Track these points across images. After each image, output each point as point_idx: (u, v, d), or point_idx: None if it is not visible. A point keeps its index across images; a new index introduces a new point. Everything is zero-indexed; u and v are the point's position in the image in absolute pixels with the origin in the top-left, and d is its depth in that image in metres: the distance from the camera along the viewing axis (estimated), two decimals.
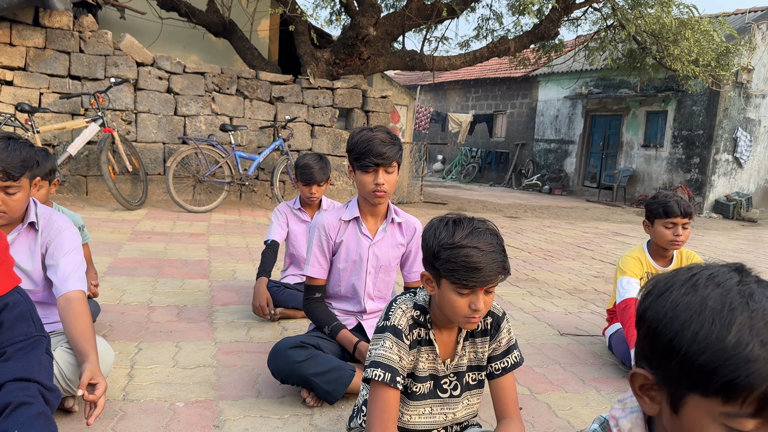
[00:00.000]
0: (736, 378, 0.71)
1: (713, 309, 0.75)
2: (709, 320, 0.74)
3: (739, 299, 0.75)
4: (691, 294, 0.78)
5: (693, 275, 0.80)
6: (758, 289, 0.77)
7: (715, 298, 0.76)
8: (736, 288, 0.76)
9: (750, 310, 0.73)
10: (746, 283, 0.77)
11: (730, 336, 0.72)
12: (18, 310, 1.57)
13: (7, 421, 1.40)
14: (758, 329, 0.72)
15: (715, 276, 0.79)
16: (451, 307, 1.59)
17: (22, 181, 2.09)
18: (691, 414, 0.77)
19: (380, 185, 2.37)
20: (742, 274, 0.80)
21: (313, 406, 2.28)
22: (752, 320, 0.72)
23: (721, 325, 0.73)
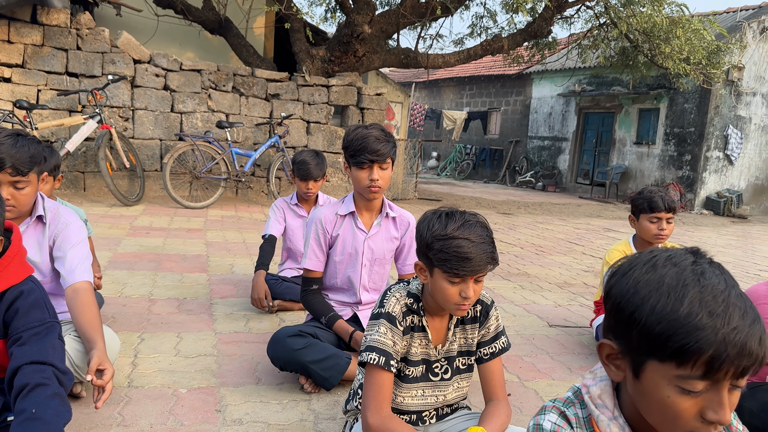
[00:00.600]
0: (686, 344, 0.81)
1: (669, 285, 0.85)
2: (665, 295, 0.84)
3: (692, 277, 0.85)
4: (650, 273, 0.88)
5: (653, 257, 0.90)
6: (709, 269, 0.87)
7: (671, 276, 0.86)
8: (690, 267, 0.87)
9: (701, 286, 0.84)
10: (699, 264, 0.88)
11: (682, 308, 0.82)
12: (32, 298, 1.66)
13: (25, 400, 1.49)
14: (707, 302, 0.82)
15: (672, 257, 0.89)
16: (443, 294, 1.68)
17: (31, 176, 2.17)
18: (650, 378, 0.88)
19: (375, 181, 2.46)
20: (696, 256, 0.90)
21: (311, 392, 2.38)
22: (702, 294, 0.83)
23: (675, 299, 0.83)
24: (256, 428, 2.06)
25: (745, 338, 0.80)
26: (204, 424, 2.05)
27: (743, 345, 0.80)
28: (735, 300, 0.83)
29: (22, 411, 1.47)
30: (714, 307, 0.82)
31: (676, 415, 0.86)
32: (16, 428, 1.45)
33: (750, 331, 0.81)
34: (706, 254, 0.92)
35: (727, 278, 0.86)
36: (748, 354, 0.81)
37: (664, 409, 0.87)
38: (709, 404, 0.84)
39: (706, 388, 0.84)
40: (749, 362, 0.81)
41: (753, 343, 0.81)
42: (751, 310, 0.83)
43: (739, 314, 0.82)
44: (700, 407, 0.85)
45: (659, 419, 0.89)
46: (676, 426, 0.87)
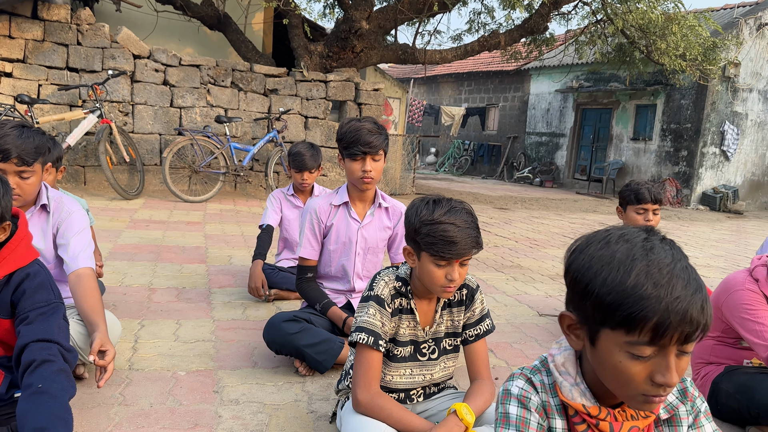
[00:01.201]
0: (633, 312, 0.90)
1: (619, 260, 0.93)
2: (615, 268, 0.93)
3: (641, 252, 0.93)
4: (604, 249, 0.96)
5: (608, 234, 0.99)
6: (659, 245, 0.95)
7: (622, 252, 0.94)
8: (641, 243, 0.95)
9: (648, 260, 0.92)
10: (650, 240, 0.96)
11: (630, 280, 0.91)
12: (38, 280, 1.74)
13: (32, 376, 1.58)
14: (652, 274, 0.90)
15: (625, 235, 0.98)
16: (430, 277, 1.77)
17: (35, 166, 2.26)
18: (604, 345, 0.96)
19: (368, 172, 2.55)
20: (649, 233, 0.98)
21: (305, 375, 2.47)
22: (649, 267, 0.91)
23: (624, 272, 0.92)
24: (252, 408, 2.15)
25: (687, 306, 0.89)
26: (202, 404, 2.14)
27: (685, 313, 0.89)
28: (679, 272, 0.91)
29: (30, 385, 1.56)
30: (659, 279, 0.90)
31: (629, 379, 0.94)
32: (24, 401, 1.53)
33: (692, 299, 0.89)
34: (659, 232, 1.00)
35: (675, 253, 0.95)
36: (690, 321, 0.89)
37: (617, 373, 0.95)
38: (657, 368, 0.93)
39: (654, 353, 0.92)
40: (691, 329, 0.90)
41: (694, 311, 0.89)
42: (694, 281, 0.92)
43: (682, 285, 0.90)
44: (649, 371, 0.93)
45: (614, 383, 0.98)
46: (629, 389, 0.96)
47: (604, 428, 1.03)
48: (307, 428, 2.04)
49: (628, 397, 0.97)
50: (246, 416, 2.08)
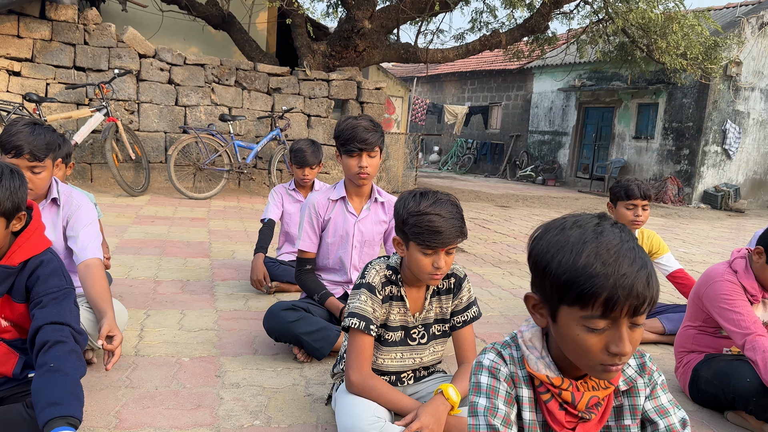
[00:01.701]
0: (585, 289, 1.00)
1: (572, 243, 1.04)
2: (569, 251, 1.03)
3: (591, 235, 1.04)
4: (560, 235, 1.07)
5: (563, 221, 1.09)
6: (610, 229, 1.06)
7: (575, 236, 1.05)
8: (592, 228, 1.06)
9: (597, 242, 1.03)
10: (601, 225, 1.06)
11: (581, 260, 1.01)
12: (51, 267, 1.86)
13: (46, 355, 1.69)
14: (601, 254, 1.01)
15: (578, 221, 1.08)
16: (418, 265, 1.88)
17: (46, 161, 2.38)
18: (563, 321, 1.07)
19: (364, 168, 2.66)
20: (601, 219, 1.09)
21: (303, 361, 2.58)
22: (598, 249, 1.02)
23: (576, 253, 1.02)
24: (252, 391, 2.26)
25: (633, 282, 0.99)
26: (204, 387, 2.26)
27: (631, 287, 0.99)
28: (626, 251, 1.02)
29: (43, 364, 1.67)
30: (606, 258, 1.00)
31: (587, 350, 1.05)
32: (39, 379, 1.65)
33: (637, 275, 1.00)
34: (611, 219, 1.10)
35: (623, 235, 1.05)
36: (636, 295, 1.00)
37: (576, 346, 1.06)
38: (611, 339, 1.03)
39: (608, 326, 1.03)
40: (639, 302, 1.00)
41: (640, 286, 1.00)
42: (640, 259, 1.02)
43: (628, 263, 1.00)
44: (604, 342, 1.04)
45: (575, 355, 1.08)
46: (588, 359, 1.06)
47: (566, 397, 1.13)
48: (304, 410, 2.15)
49: (589, 367, 1.07)
50: (246, 398, 2.19)
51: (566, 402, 1.14)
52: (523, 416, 1.16)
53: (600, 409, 1.16)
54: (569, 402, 1.13)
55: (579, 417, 1.15)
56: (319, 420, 2.09)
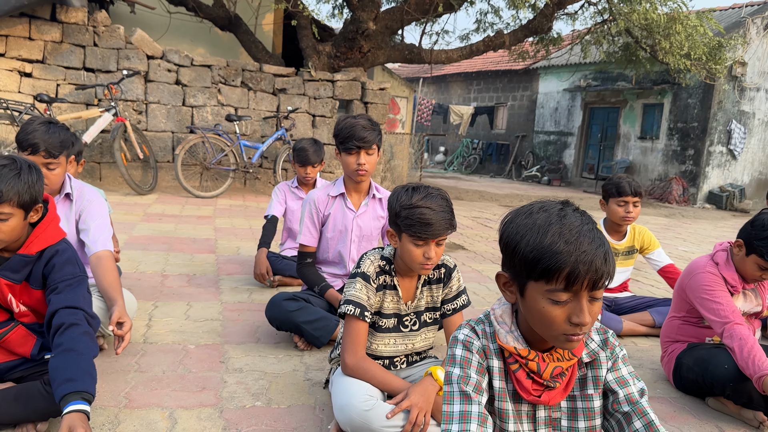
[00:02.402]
0: (549, 265, 1.12)
1: (539, 225, 1.15)
2: (536, 232, 1.15)
3: (556, 218, 1.16)
4: (528, 218, 1.19)
5: (531, 207, 1.21)
6: (572, 213, 1.17)
7: (541, 219, 1.16)
8: (557, 212, 1.17)
9: (561, 224, 1.14)
10: (564, 210, 1.18)
11: (546, 239, 1.13)
12: (66, 256, 1.99)
13: (62, 336, 1.82)
14: (564, 234, 1.12)
15: (544, 206, 1.20)
16: (410, 256, 1.99)
17: (61, 158, 2.51)
18: (530, 295, 1.18)
19: (362, 165, 2.78)
20: (565, 205, 1.20)
21: (304, 349, 2.70)
22: (561, 229, 1.13)
23: (542, 234, 1.14)
24: (254, 375, 2.38)
25: (592, 258, 1.11)
26: (209, 372, 2.38)
27: (591, 263, 1.11)
28: (586, 232, 1.13)
29: (60, 344, 1.80)
30: (569, 237, 1.12)
31: (551, 321, 1.16)
32: (55, 358, 1.77)
33: (596, 252, 1.11)
34: (574, 204, 1.22)
35: (584, 219, 1.17)
36: (595, 270, 1.11)
37: (542, 317, 1.17)
38: (573, 311, 1.15)
39: (570, 298, 1.14)
40: (597, 276, 1.12)
41: (598, 261, 1.11)
42: (598, 239, 1.13)
43: (587, 241, 1.12)
44: (567, 314, 1.15)
45: (541, 326, 1.20)
46: (552, 330, 1.17)
47: (532, 367, 1.25)
48: (303, 393, 2.27)
49: (553, 337, 1.19)
50: (249, 382, 2.32)
51: (533, 371, 1.25)
52: (493, 385, 1.28)
53: (564, 379, 1.27)
54: (535, 371, 1.24)
55: (544, 385, 1.26)
56: (317, 402, 2.21)
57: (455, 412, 1.22)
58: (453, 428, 1.20)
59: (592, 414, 1.30)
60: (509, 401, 1.28)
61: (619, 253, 3.50)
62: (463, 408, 1.21)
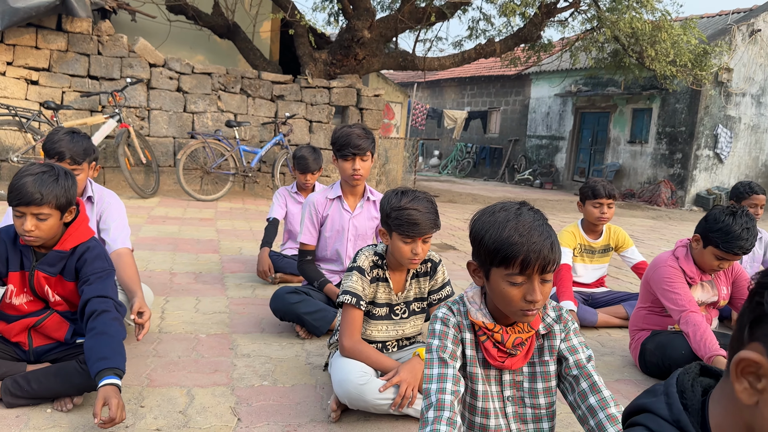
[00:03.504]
0: (507, 254, 1.39)
1: (500, 222, 1.42)
2: (497, 227, 1.42)
3: (513, 216, 1.43)
4: (491, 216, 1.45)
5: (494, 207, 1.48)
6: (527, 212, 1.45)
7: (501, 217, 1.43)
8: (514, 211, 1.44)
9: (517, 221, 1.41)
10: (521, 209, 1.45)
11: (505, 233, 1.40)
12: (96, 252, 2.25)
13: (95, 321, 2.07)
14: (518, 229, 1.39)
15: (504, 206, 1.47)
16: (399, 252, 2.26)
17: (84, 165, 2.77)
18: (493, 279, 1.45)
19: (357, 170, 3.05)
20: (522, 205, 1.47)
21: (304, 338, 2.97)
22: (517, 225, 1.40)
23: (501, 229, 1.41)
24: (260, 360, 2.65)
25: (540, 248, 1.38)
26: (220, 357, 2.64)
27: (540, 252, 1.38)
28: (537, 227, 1.40)
29: (93, 328, 2.06)
30: (522, 231, 1.39)
31: (510, 300, 1.43)
32: (90, 340, 2.03)
33: (544, 243, 1.38)
34: (529, 204, 1.49)
35: (536, 216, 1.44)
36: (544, 257, 1.38)
37: (503, 297, 1.44)
38: (527, 291, 1.41)
39: (524, 281, 1.41)
40: (545, 262, 1.38)
41: (545, 251, 1.38)
42: (546, 232, 1.40)
43: (537, 234, 1.39)
44: (522, 293, 1.42)
45: (502, 304, 1.46)
46: (511, 306, 1.44)
47: (497, 338, 1.51)
48: (305, 374, 2.53)
49: (512, 312, 1.45)
50: (256, 365, 2.58)
51: (498, 342, 1.52)
52: (466, 353, 1.54)
53: (524, 348, 1.54)
54: (500, 342, 1.51)
55: (508, 353, 1.53)
56: (317, 382, 2.47)
57: (434, 374, 1.48)
58: (432, 387, 1.46)
59: (549, 377, 1.57)
60: (479, 367, 1.55)
61: (595, 251, 3.78)
62: (441, 371, 1.48)
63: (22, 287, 2.20)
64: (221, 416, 2.10)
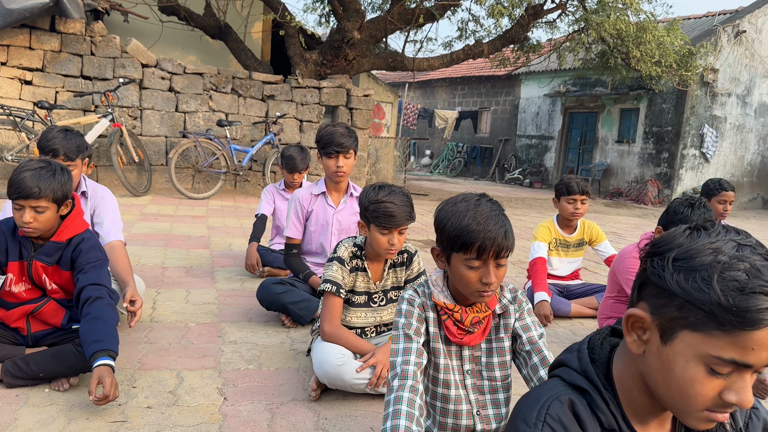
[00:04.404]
0: (465, 240, 1.54)
1: (460, 211, 1.58)
2: (457, 216, 1.57)
3: (473, 206, 1.58)
4: (452, 206, 1.61)
5: (456, 198, 1.63)
6: (486, 203, 1.60)
7: (462, 207, 1.59)
8: (474, 202, 1.59)
9: (475, 211, 1.56)
10: (480, 200, 1.60)
11: (464, 222, 1.55)
12: (90, 242, 2.39)
13: (89, 307, 2.21)
14: (476, 217, 1.54)
15: (466, 197, 1.62)
16: (377, 243, 2.41)
17: (77, 161, 2.91)
18: (453, 263, 1.60)
19: (340, 167, 3.20)
20: (481, 197, 1.63)
21: (290, 326, 3.12)
22: (475, 214, 1.55)
23: (461, 217, 1.56)
24: (247, 346, 2.79)
25: (495, 234, 1.53)
26: (209, 343, 2.79)
27: (494, 238, 1.53)
28: (493, 216, 1.55)
29: (88, 314, 2.20)
30: (480, 220, 1.54)
31: (468, 282, 1.58)
32: (85, 324, 2.17)
33: (498, 231, 1.53)
34: (488, 195, 1.64)
35: (493, 207, 1.59)
36: (498, 244, 1.53)
37: (461, 279, 1.59)
38: (483, 274, 1.57)
39: (480, 265, 1.56)
40: (500, 248, 1.54)
41: (500, 237, 1.53)
42: (500, 221, 1.55)
43: (493, 223, 1.54)
44: (479, 276, 1.57)
45: (461, 286, 1.62)
46: (469, 288, 1.59)
47: (457, 317, 1.67)
48: (288, 359, 2.68)
49: (470, 293, 1.61)
50: (243, 351, 2.73)
51: (458, 320, 1.67)
52: (429, 330, 1.70)
53: (481, 326, 1.69)
54: (459, 320, 1.67)
55: (466, 331, 1.68)
56: (300, 366, 2.62)
57: (400, 348, 1.63)
58: (398, 359, 1.61)
59: (503, 352, 1.73)
60: (441, 342, 1.70)
61: (570, 245, 3.95)
62: (405, 345, 1.63)
63: (20, 276, 2.34)
64: (208, 396, 2.25)
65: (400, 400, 1.50)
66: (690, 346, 0.86)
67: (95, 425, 1.97)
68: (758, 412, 1.08)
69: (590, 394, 0.99)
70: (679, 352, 0.88)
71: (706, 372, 0.86)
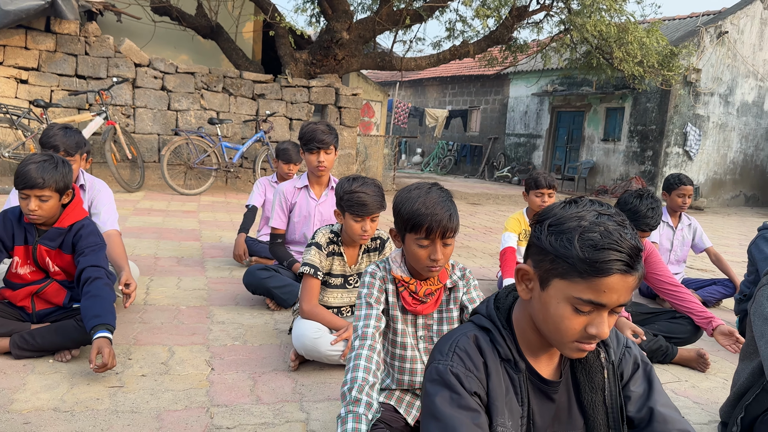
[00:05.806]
0: (415, 222, 1.79)
1: (413, 197, 1.82)
2: (410, 202, 1.82)
3: (424, 193, 1.83)
4: (408, 193, 1.86)
5: (411, 186, 1.88)
6: (436, 191, 1.85)
7: (414, 194, 1.83)
8: (426, 190, 1.84)
9: (426, 197, 1.81)
10: (431, 188, 1.85)
11: (415, 206, 1.80)
12: (89, 229, 2.63)
13: (89, 286, 2.45)
14: (426, 203, 1.79)
15: (419, 186, 1.87)
16: (351, 230, 2.66)
17: (76, 156, 3.14)
18: (407, 242, 1.86)
19: (321, 162, 3.45)
20: (433, 186, 1.88)
21: (274, 309, 3.36)
22: (425, 200, 1.80)
23: (413, 203, 1.81)
24: (233, 326, 3.04)
25: (441, 217, 1.78)
26: (198, 323, 3.03)
27: (441, 221, 1.78)
28: (440, 202, 1.80)
29: (87, 292, 2.44)
30: (429, 205, 1.79)
31: (418, 258, 1.83)
32: (85, 301, 2.41)
33: (444, 214, 1.78)
34: (439, 184, 1.89)
35: (441, 194, 1.83)
36: (444, 226, 1.78)
37: (413, 257, 1.85)
38: (431, 252, 1.82)
39: (429, 244, 1.81)
40: (445, 230, 1.79)
41: (445, 220, 1.78)
42: (447, 206, 1.79)
43: (439, 208, 1.79)
44: (428, 253, 1.82)
45: (414, 262, 1.87)
46: (420, 264, 1.85)
47: (412, 289, 1.92)
48: (271, 337, 2.93)
49: (421, 268, 1.86)
50: (229, 330, 2.97)
51: (413, 292, 1.92)
52: (389, 300, 1.95)
53: (433, 298, 1.95)
54: (414, 292, 1.92)
55: (420, 301, 1.94)
56: (282, 342, 2.87)
57: (362, 314, 1.88)
58: (360, 323, 1.86)
59: (452, 321, 1.98)
60: (398, 311, 1.96)
61: None
62: (367, 311, 1.88)
63: (26, 259, 2.58)
64: (197, 366, 2.49)
65: (359, 356, 1.75)
66: (560, 291, 1.12)
67: (95, 389, 2.21)
68: (630, 350, 1.34)
69: (492, 332, 1.25)
70: (552, 296, 1.14)
71: (573, 311, 1.12)
